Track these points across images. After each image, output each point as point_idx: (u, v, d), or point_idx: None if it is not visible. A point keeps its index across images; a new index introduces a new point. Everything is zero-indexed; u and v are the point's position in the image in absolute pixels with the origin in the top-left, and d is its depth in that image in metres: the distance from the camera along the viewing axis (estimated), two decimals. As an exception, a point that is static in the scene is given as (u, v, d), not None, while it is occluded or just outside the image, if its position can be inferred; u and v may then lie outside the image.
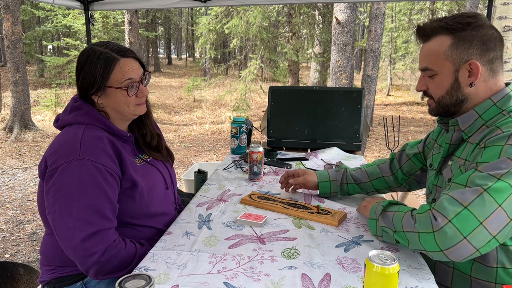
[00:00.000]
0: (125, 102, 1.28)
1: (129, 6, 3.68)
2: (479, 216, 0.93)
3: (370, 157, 6.26)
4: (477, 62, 1.08)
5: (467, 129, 1.15)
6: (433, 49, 1.13)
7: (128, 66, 1.26)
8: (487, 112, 1.11)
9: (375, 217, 1.19)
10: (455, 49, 1.10)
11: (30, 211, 3.88)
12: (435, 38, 1.13)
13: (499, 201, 0.94)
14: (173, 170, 1.55)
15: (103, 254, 1.13)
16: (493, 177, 0.96)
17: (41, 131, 7.38)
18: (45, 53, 20.30)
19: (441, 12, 13.97)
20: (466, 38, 1.09)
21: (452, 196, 0.98)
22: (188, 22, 28.55)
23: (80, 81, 1.26)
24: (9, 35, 7.07)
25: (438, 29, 1.12)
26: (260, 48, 9.67)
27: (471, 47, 1.09)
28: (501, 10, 4.59)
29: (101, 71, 1.23)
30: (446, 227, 0.94)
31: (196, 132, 8.11)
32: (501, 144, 1.00)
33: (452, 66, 1.11)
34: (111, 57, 1.24)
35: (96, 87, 1.24)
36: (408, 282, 0.97)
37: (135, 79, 1.27)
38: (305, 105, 2.39)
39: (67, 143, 1.19)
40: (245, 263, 1.06)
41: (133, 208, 1.27)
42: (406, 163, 1.49)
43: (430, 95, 1.19)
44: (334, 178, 1.54)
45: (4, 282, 1.99)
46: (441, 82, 1.14)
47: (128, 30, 9.53)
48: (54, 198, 1.14)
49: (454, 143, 1.20)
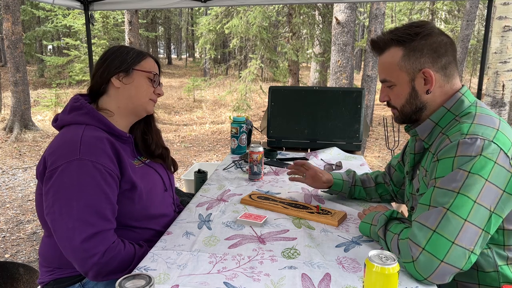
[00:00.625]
0: (145, 91, 1.33)
1: (129, 6, 3.68)
2: (449, 237, 0.94)
3: (370, 157, 6.26)
4: (429, 70, 1.12)
5: (427, 138, 1.18)
6: (388, 61, 1.17)
7: (155, 65, 1.38)
8: (443, 119, 1.14)
9: (370, 223, 1.19)
10: (407, 60, 1.13)
11: (30, 211, 3.88)
12: (388, 51, 1.17)
13: (463, 216, 0.95)
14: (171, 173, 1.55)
15: (103, 255, 1.13)
16: (452, 191, 0.97)
17: (41, 131, 7.38)
18: (45, 53, 20.30)
19: (441, 12, 13.97)
20: (416, 48, 1.12)
21: (420, 222, 0.99)
22: (188, 22, 28.54)
23: (107, 64, 1.30)
24: (9, 35, 7.07)
25: (389, 41, 1.16)
26: (260, 48, 9.66)
27: (422, 56, 1.12)
28: (501, 10, 4.59)
29: (134, 56, 1.32)
30: (421, 256, 0.95)
31: (196, 132, 8.11)
32: (451, 156, 1.01)
33: (407, 76, 1.14)
34: (142, 51, 1.36)
35: (124, 66, 1.30)
36: (408, 282, 0.97)
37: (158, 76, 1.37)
38: (305, 105, 2.39)
39: (66, 143, 1.18)
40: (245, 263, 1.06)
41: (132, 210, 1.27)
42: (394, 174, 1.53)
43: (392, 105, 1.22)
44: (347, 179, 1.57)
45: (4, 282, 1.99)
46: (400, 92, 1.17)
47: (128, 30, 9.53)
48: (54, 198, 1.13)
49: (417, 152, 1.23)
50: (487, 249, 1.08)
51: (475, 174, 0.96)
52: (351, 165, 2.07)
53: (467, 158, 0.98)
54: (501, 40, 4.64)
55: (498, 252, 1.08)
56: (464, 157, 0.99)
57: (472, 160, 0.98)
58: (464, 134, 1.02)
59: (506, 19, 4.59)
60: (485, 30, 3.17)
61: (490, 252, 1.08)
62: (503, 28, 4.59)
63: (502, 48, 4.65)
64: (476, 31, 14.70)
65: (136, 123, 1.43)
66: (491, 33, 4.65)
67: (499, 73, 4.70)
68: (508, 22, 4.59)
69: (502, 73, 4.69)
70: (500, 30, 4.63)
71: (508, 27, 4.59)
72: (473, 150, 0.98)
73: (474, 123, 1.04)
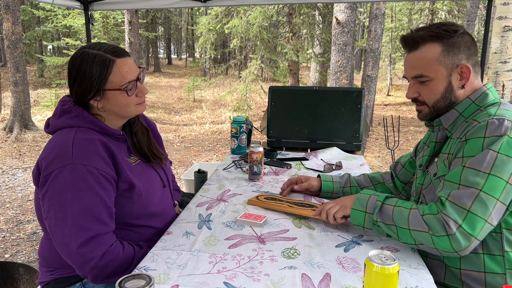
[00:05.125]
0: (126, 104, 1.25)
1: (129, 6, 3.68)
2: (483, 215, 1.01)
3: (370, 157, 6.26)
4: (468, 65, 1.17)
5: (450, 126, 1.23)
6: (426, 56, 1.19)
7: (126, 67, 1.22)
8: (467, 110, 1.20)
9: (364, 210, 1.18)
10: (446, 55, 1.17)
11: (30, 211, 3.88)
12: (425, 46, 1.19)
13: (496, 196, 1.02)
14: (168, 168, 1.53)
15: (101, 259, 1.12)
16: (483, 173, 1.03)
17: (41, 131, 7.37)
18: (45, 53, 20.29)
19: (441, 12, 13.96)
20: (454, 44, 1.17)
21: (452, 201, 1.04)
22: (188, 22, 28.54)
23: (76, 86, 1.22)
24: (9, 35, 7.07)
25: (426, 37, 1.19)
26: (260, 48, 9.66)
27: (459, 52, 1.17)
28: (501, 10, 4.59)
29: (97, 74, 1.18)
30: (458, 232, 1.01)
31: (196, 132, 8.11)
32: (481, 136, 1.07)
33: (446, 71, 1.18)
34: (107, 59, 1.19)
35: (94, 92, 1.20)
36: (408, 282, 0.97)
37: (133, 79, 1.24)
38: (305, 105, 2.39)
39: (58, 147, 1.17)
40: (245, 263, 1.06)
41: (132, 209, 1.26)
42: (400, 172, 1.55)
43: (422, 101, 1.24)
44: (337, 180, 1.59)
45: (4, 282, 1.99)
46: (435, 87, 1.20)
47: (128, 30, 9.54)
48: (49, 204, 1.13)
49: (439, 141, 1.28)
50: (497, 233, 1.12)
51: (503, 154, 1.03)
52: (351, 165, 2.07)
53: (495, 138, 1.05)
54: (501, 40, 4.64)
55: (507, 238, 1.12)
56: (493, 137, 1.05)
57: (500, 140, 1.04)
58: (492, 115, 1.09)
59: (506, 19, 4.59)
60: (485, 30, 3.17)
61: (499, 237, 1.13)
62: (503, 28, 4.60)
63: (502, 48, 4.65)
64: (476, 31, 14.70)
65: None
66: (491, 33, 4.65)
67: (499, 73, 4.70)
68: (508, 22, 4.59)
69: (502, 73, 4.69)
70: (500, 30, 4.63)
71: (508, 27, 4.59)
72: (501, 130, 1.05)
73: (501, 108, 1.12)
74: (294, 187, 1.58)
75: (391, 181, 1.57)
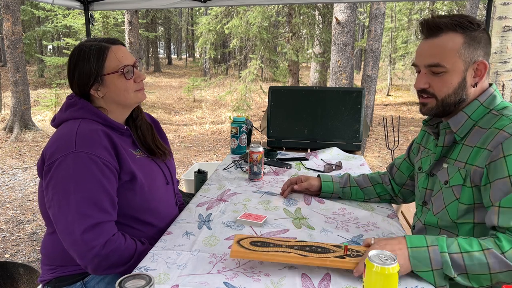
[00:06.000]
0: (124, 89, 1.28)
1: (129, 6, 3.68)
2: None
3: (370, 157, 6.26)
4: (486, 63, 1.11)
5: (459, 130, 1.17)
6: (446, 45, 1.11)
7: (121, 52, 1.28)
8: (475, 112, 1.15)
9: (430, 269, 0.98)
10: (467, 48, 1.10)
11: (30, 211, 3.88)
12: (447, 35, 1.11)
13: None
14: (172, 164, 1.53)
15: (103, 247, 1.13)
16: None
17: (41, 131, 7.37)
18: (45, 53, 20.29)
19: (441, 12, 13.96)
20: (476, 38, 1.10)
21: None
22: (188, 22, 28.54)
23: (76, 77, 1.26)
24: (9, 35, 7.07)
25: (450, 25, 1.11)
26: (260, 48, 9.66)
27: (479, 47, 1.11)
28: (501, 10, 4.59)
29: (95, 61, 1.24)
30: None
31: (196, 132, 8.11)
32: None
33: (463, 65, 1.11)
34: (102, 46, 1.26)
35: (93, 79, 1.25)
36: (408, 282, 0.97)
37: (129, 64, 1.28)
38: (305, 105, 2.39)
39: (62, 136, 1.20)
40: (245, 263, 1.06)
41: (134, 202, 1.27)
42: (396, 174, 1.54)
43: (432, 93, 1.16)
44: (337, 181, 1.58)
45: (4, 282, 1.99)
46: (449, 80, 1.12)
47: (128, 30, 9.54)
48: (53, 192, 1.15)
49: (447, 145, 1.21)
50: None
51: None
52: (351, 165, 2.07)
53: None
54: (501, 40, 4.65)
55: None
56: None
57: None
58: None
59: (506, 19, 4.59)
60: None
61: None
62: (503, 28, 4.60)
63: (502, 48, 4.65)
64: (476, 31, 14.68)
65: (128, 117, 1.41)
66: (491, 33, 4.65)
67: (499, 73, 4.70)
68: (508, 22, 4.60)
69: (502, 73, 4.69)
70: (500, 30, 4.63)
71: (508, 27, 4.59)
72: None
73: None
74: (294, 186, 1.58)
75: (389, 183, 1.56)
